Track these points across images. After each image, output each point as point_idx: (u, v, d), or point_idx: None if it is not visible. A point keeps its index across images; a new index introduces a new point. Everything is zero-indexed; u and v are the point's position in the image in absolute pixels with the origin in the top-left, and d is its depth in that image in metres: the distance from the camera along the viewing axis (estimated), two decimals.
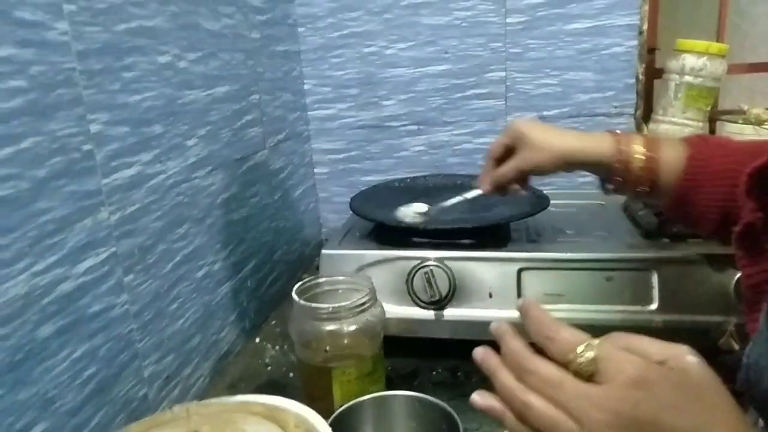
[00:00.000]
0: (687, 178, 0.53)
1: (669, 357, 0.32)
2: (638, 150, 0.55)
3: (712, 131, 1.01)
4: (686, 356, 0.32)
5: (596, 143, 0.57)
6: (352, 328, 0.55)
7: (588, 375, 0.33)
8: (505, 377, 0.36)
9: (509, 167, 0.60)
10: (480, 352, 0.39)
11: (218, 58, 0.73)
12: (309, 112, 1.05)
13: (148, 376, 0.59)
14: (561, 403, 0.33)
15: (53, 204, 0.47)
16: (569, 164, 0.58)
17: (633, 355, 0.33)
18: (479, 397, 0.37)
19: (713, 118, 1.01)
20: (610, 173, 0.56)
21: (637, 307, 0.64)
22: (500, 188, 0.63)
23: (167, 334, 0.62)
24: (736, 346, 0.59)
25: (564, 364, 0.34)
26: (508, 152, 0.61)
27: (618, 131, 0.58)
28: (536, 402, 0.34)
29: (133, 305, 0.57)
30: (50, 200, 0.47)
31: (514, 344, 0.37)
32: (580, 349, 0.34)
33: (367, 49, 1.00)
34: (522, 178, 0.62)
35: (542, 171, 0.59)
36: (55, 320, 0.47)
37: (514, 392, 0.35)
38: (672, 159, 0.54)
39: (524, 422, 0.34)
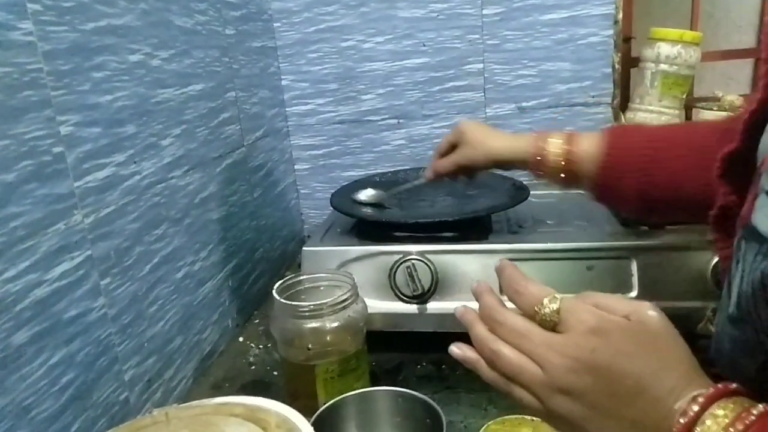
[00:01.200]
0: (604, 167, 0.59)
1: (631, 312, 0.35)
2: (554, 144, 0.62)
3: (688, 118, 1.02)
4: (647, 310, 0.35)
5: (519, 142, 0.65)
6: (334, 324, 0.55)
7: (552, 325, 0.36)
8: (478, 329, 0.39)
9: (449, 160, 0.70)
10: (460, 309, 0.42)
11: (192, 55, 0.72)
12: (287, 108, 1.04)
13: (129, 380, 0.58)
14: (527, 350, 0.36)
15: (24, 208, 0.46)
16: (497, 162, 0.67)
17: (593, 308, 0.36)
18: (456, 348, 0.40)
19: (689, 105, 1.02)
20: (531, 168, 0.63)
21: (618, 295, 0.65)
22: (440, 177, 0.72)
23: (147, 337, 0.61)
24: (711, 329, 0.60)
25: (531, 316, 0.37)
26: (452, 148, 0.70)
27: (540, 132, 0.64)
28: (505, 350, 0.37)
29: (110, 309, 0.56)
30: (20, 205, 0.46)
31: (489, 299, 0.40)
32: (545, 301, 0.36)
33: (344, 44, 0.99)
34: (461, 171, 0.70)
35: (476, 166, 0.68)
36: (30, 326, 0.46)
37: (486, 342, 0.38)
38: (589, 150, 0.60)
39: (495, 369, 0.37)
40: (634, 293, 0.64)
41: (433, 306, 0.68)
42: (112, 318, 0.56)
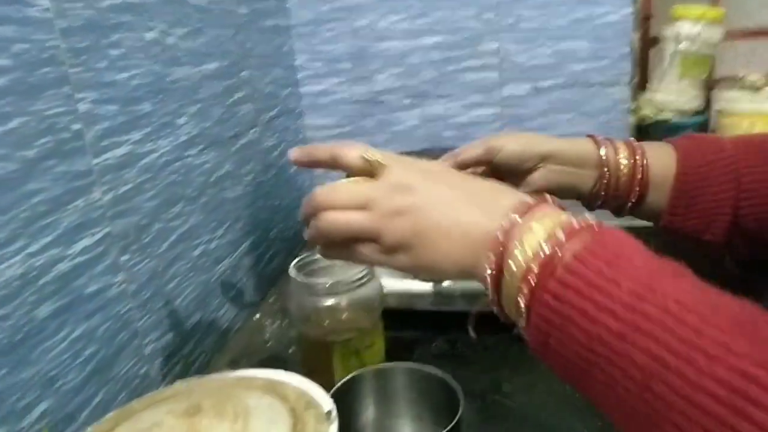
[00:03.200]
0: (684, 172, 0.50)
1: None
2: (619, 144, 0.53)
3: (708, 100, 1.00)
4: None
5: (577, 141, 0.55)
6: (350, 302, 0.56)
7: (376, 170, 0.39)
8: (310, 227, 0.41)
9: (474, 147, 0.54)
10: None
11: (206, 33, 0.72)
12: (301, 88, 1.04)
13: (149, 354, 0.59)
14: (355, 199, 0.38)
15: (44, 185, 0.47)
16: (549, 155, 0.53)
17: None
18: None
19: (709, 86, 1.00)
20: (595, 179, 0.53)
21: None
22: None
23: (166, 313, 0.62)
24: None
25: (358, 167, 0.39)
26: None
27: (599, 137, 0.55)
28: (332, 213, 0.38)
29: (130, 285, 0.57)
30: (41, 181, 0.46)
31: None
32: (369, 148, 0.40)
33: (358, 23, 0.98)
34: (485, 170, 0.55)
35: (513, 160, 0.53)
36: (52, 300, 0.47)
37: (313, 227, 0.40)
38: (659, 153, 0.52)
39: (333, 237, 0.39)
40: None
41: (449, 285, 0.68)
42: (132, 294, 0.57)
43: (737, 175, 0.50)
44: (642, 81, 0.98)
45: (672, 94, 0.94)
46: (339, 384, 0.48)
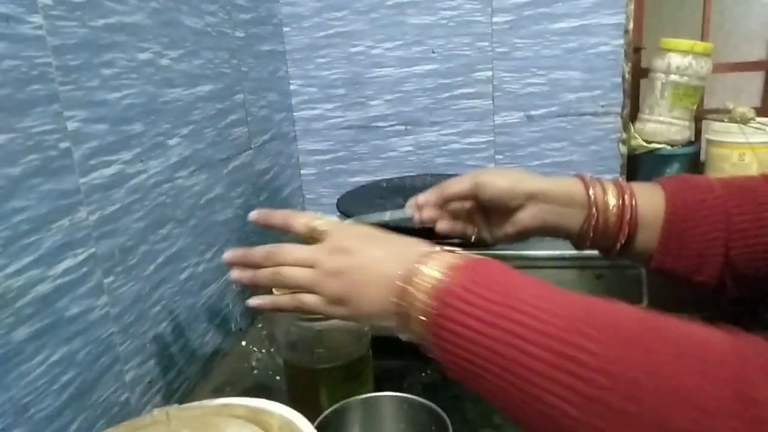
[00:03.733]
0: (673, 211, 0.50)
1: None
2: (607, 183, 0.52)
3: (698, 130, 1.02)
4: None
5: (563, 179, 0.54)
6: (339, 328, 0.54)
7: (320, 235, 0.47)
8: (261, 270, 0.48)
9: (461, 182, 0.54)
10: (227, 255, 0.51)
11: (201, 56, 0.72)
12: (295, 113, 1.04)
13: (130, 381, 0.57)
14: (300, 259, 0.46)
15: (29, 203, 0.46)
16: (535, 194, 0.52)
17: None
18: (252, 301, 0.50)
19: (699, 117, 1.02)
20: (583, 219, 0.52)
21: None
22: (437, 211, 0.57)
23: (149, 338, 0.60)
24: None
25: (305, 230, 0.48)
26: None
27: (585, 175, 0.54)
28: (284, 269, 0.46)
29: (113, 308, 0.55)
30: (25, 199, 0.45)
31: (257, 249, 0.49)
32: (317, 215, 0.48)
33: (353, 49, 0.99)
34: (472, 205, 0.56)
35: (502, 202, 0.53)
36: (31, 323, 0.46)
37: (267, 272, 0.47)
38: (647, 193, 0.51)
39: (280, 287, 0.47)
40: (644, 304, 0.63)
41: None
42: (115, 317, 0.55)
43: (727, 216, 0.49)
44: (633, 111, 0.99)
45: (663, 124, 0.94)
46: (325, 413, 0.46)
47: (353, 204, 0.78)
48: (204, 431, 0.36)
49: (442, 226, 0.57)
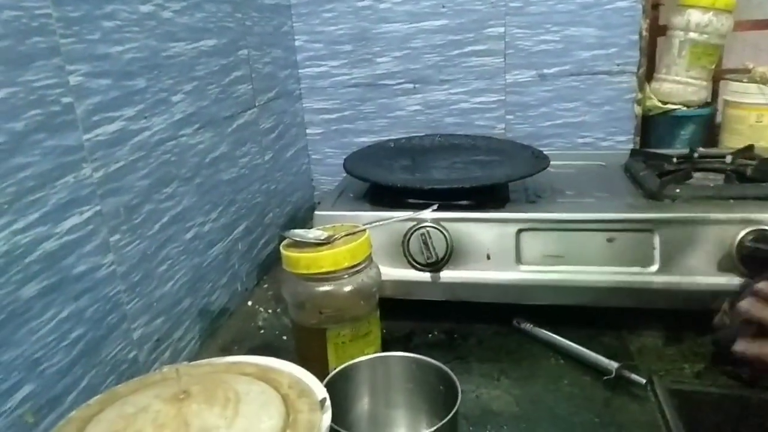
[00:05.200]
0: None
1: None
2: None
3: (716, 90, 0.99)
4: None
5: None
6: (347, 288, 0.54)
7: None
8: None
9: None
10: (744, 304, 0.47)
11: (203, 9, 0.70)
12: (300, 70, 1.02)
13: (138, 339, 0.57)
14: None
15: (33, 159, 0.45)
16: None
17: None
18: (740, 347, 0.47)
19: (717, 77, 0.99)
20: None
21: (638, 269, 0.63)
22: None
23: (156, 296, 0.60)
24: (727, 321, 0.58)
25: None
26: None
27: None
28: None
29: (120, 266, 0.55)
30: (29, 155, 0.44)
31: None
32: None
33: (360, 3, 0.96)
34: None
35: None
36: (38, 280, 0.45)
37: None
38: None
39: None
40: (655, 267, 0.63)
41: (447, 274, 0.67)
42: (121, 275, 0.55)
43: None
44: (649, 70, 0.96)
45: (679, 85, 0.92)
46: (333, 372, 0.46)
47: (360, 165, 0.77)
48: (214, 388, 0.36)
49: None
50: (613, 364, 0.57)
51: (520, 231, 0.65)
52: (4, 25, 0.42)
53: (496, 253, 0.66)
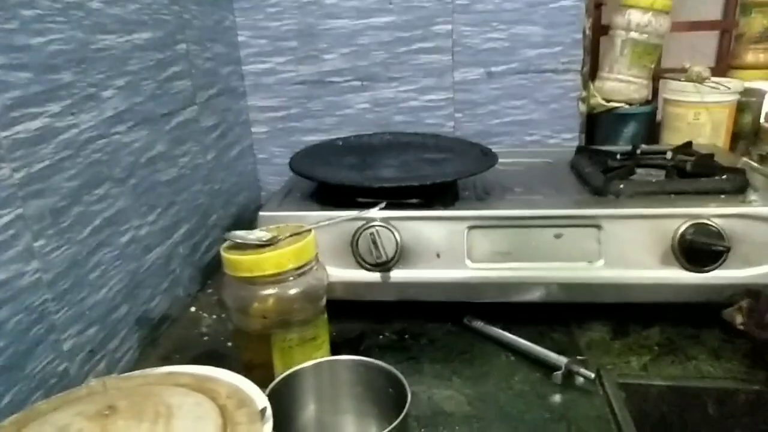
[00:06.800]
0: None
1: None
2: None
3: (656, 89, 1.02)
4: None
5: None
6: (293, 291, 0.52)
7: None
8: None
9: None
10: None
11: (137, 0, 0.66)
12: (244, 67, 0.99)
13: (68, 350, 0.54)
14: None
15: None
16: None
17: None
18: None
19: (656, 75, 1.02)
20: None
21: (585, 264, 0.64)
22: None
23: (89, 305, 0.57)
24: (739, 321, 0.59)
25: None
26: None
27: None
28: None
29: (46, 273, 0.51)
30: None
31: None
32: None
33: None
34: None
35: None
36: None
37: None
38: None
39: None
40: (601, 261, 0.63)
41: (397, 274, 0.66)
42: (48, 283, 0.51)
43: None
44: (593, 69, 0.98)
45: (622, 83, 0.94)
46: (277, 380, 0.44)
47: (306, 164, 0.75)
48: (144, 402, 0.33)
49: None
50: (563, 360, 0.57)
51: (469, 228, 0.65)
52: None
53: (446, 252, 0.65)
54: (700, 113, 0.92)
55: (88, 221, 0.57)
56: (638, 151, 0.81)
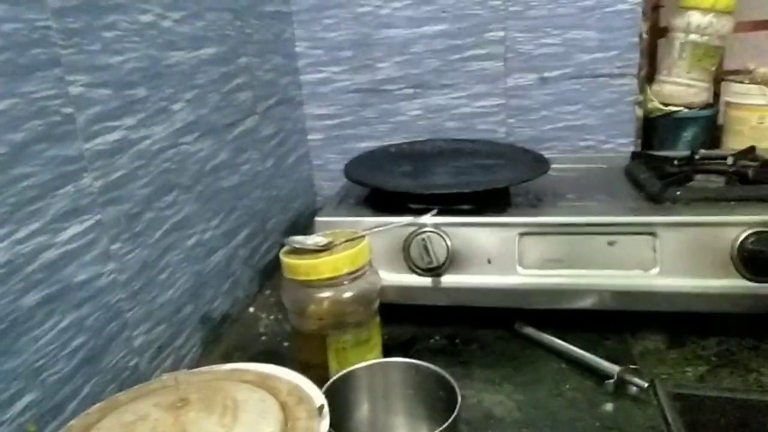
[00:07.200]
0: None
1: None
2: None
3: (717, 92, 0.98)
4: None
5: None
6: (347, 295, 0.54)
7: None
8: None
9: None
10: None
11: (203, 18, 0.70)
12: (301, 76, 1.02)
13: (139, 346, 0.58)
14: None
15: (33, 169, 0.45)
16: None
17: None
18: None
19: (718, 78, 0.98)
20: None
21: (639, 272, 0.63)
22: None
23: (157, 304, 0.61)
24: None
25: None
26: None
27: None
28: None
29: (120, 274, 0.55)
30: (30, 165, 0.45)
31: None
32: None
33: (361, 9, 0.96)
34: None
35: None
36: (39, 289, 0.46)
37: None
38: None
39: None
40: (656, 269, 0.62)
41: (448, 279, 0.67)
42: (122, 284, 0.55)
43: None
44: (650, 72, 0.96)
45: (680, 87, 0.92)
46: (333, 379, 0.46)
47: (360, 171, 0.77)
48: (213, 395, 0.36)
49: None
50: (615, 368, 0.57)
51: (521, 235, 0.65)
52: (4, 37, 0.42)
53: (497, 258, 0.66)
54: (764, 117, 0.89)
55: (158, 226, 0.61)
56: (697, 157, 0.79)
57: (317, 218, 0.70)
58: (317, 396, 0.38)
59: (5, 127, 0.43)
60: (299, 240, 0.56)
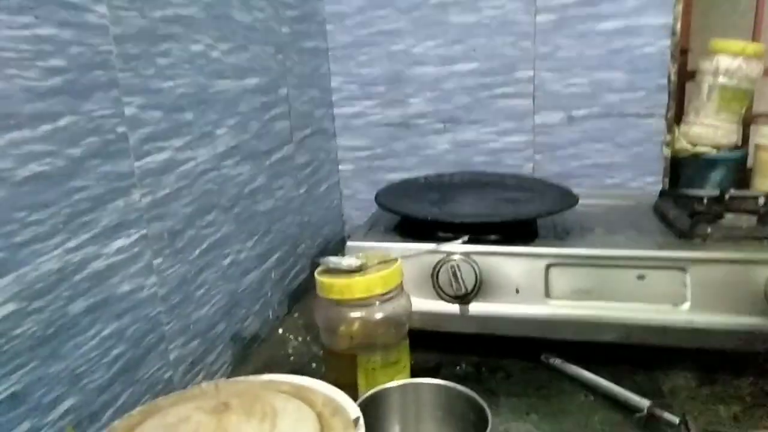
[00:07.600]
0: None
1: None
2: None
3: (746, 135, 0.99)
4: None
5: None
6: (379, 316, 0.55)
7: None
8: None
9: None
10: None
11: (249, 50, 0.74)
12: (335, 109, 1.06)
13: (174, 360, 0.59)
14: None
15: (87, 183, 0.48)
16: None
17: None
18: None
19: (747, 121, 0.99)
20: None
21: (669, 306, 0.63)
22: None
23: (193, 319, 0.62)
24: None
25: None
26: None
27: None
28: None
29: (161, 288, 0.57)
30: (85, 179, 0.47)
31: None
32: None
33: (394, 47, 1.00)
34: None
35: None
36: (86, 297, 0.48)
37: None
38: None
39: None
40: (687, 305, 0.62)
41: (475, 307, 0.67)
42: (162, 297, 0.57)
43: None
44: (678, 114, 0.97)
45: (709, 128, 0.93)
46: (365, 396, 0.47)
47: (391, 199, 0.79)
48: (253, 402, 0.37)
49: None
50: (645, 402, 0.56)
51: (549, 266, 0.66)
52: (70, 59, 0.46)
53: (525, 288, 0.66)
54: None
55: (198, 244, 0.63)
56: (727, 196, 0.80)
57: (349, 243, 0.72)
58: (352, 408, 0.39)
59: (66, 142, 0.46)
60: (334, 260, 0.57)
